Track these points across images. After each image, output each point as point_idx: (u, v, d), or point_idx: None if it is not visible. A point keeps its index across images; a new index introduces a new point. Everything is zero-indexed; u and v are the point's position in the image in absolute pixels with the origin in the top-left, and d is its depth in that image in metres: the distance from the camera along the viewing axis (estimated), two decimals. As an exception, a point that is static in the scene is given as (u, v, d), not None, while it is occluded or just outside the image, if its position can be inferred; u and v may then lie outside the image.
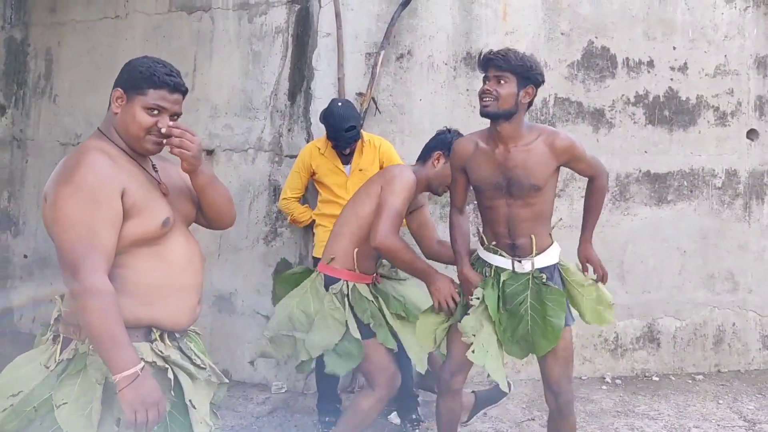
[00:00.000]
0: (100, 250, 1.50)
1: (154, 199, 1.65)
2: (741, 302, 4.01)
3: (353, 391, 3.53)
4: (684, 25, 3.90)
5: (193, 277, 1.74)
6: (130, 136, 1.66)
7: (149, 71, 1.64)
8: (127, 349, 1.49)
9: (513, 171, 2.26)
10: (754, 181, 4.01)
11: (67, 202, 1.50)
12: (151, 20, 4.04)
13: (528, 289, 2.32)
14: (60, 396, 1.53)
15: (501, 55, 2.21)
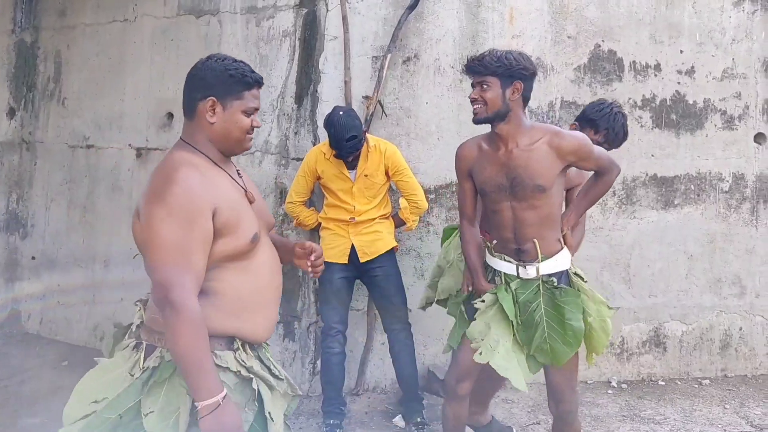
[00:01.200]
0: (192, 273, 1.49)
1: (243, 214, 1.62)
2: (748, 306, 3.99)
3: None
4: (691, 28, 3.89)
5: (275, 291, 1.74)
6: (231, 141, 1.67)
7: (240, 73, 1.63)
8: (212, 377, 1.47)
9: (516, 171, 2.23)
10: (762, 185, 3.99)
11: (161, 224, 1.48)
12: (160, 23, 4.07)
13: (540, 296, 2.25)
14: (147, 404, 1.52)
15: (477, 60, 2.22)
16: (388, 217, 3.26)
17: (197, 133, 1.66)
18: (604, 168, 2.33)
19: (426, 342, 3.62)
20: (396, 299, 3.17)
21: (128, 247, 4.11)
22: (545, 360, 2.25)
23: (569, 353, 2.20)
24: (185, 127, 1.69)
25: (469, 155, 2.37)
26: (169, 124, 4.03)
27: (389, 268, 3.16)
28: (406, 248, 3.64)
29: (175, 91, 3.98)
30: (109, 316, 4.18)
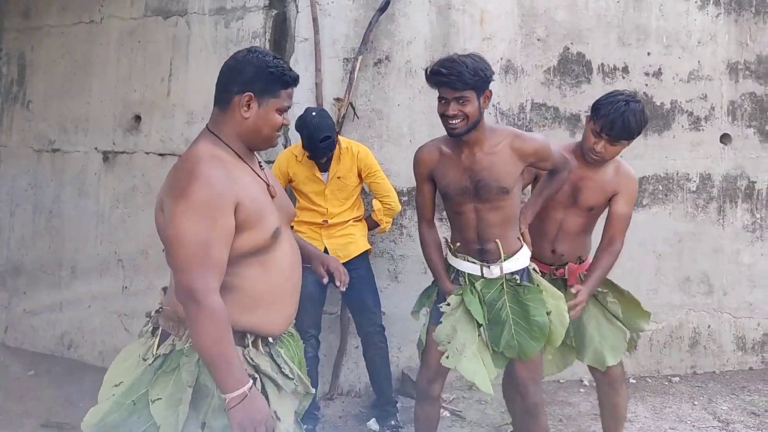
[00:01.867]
0: (214, 269, 1.49)
1: (265, 208, 1.62)
2: (716, 304, 4.06)
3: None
4: (658, 31, 3.95)
5: (295, 285, 1.74)
6: (260, 138, 1.66)
7: (279, 71, 1.62)
8: (237, 369, 1.50)
9: (480, 174, 2.24)
10: (728, 185, 4.07)
11: (183, 219, 1.48)
12: (126, 25, 4.00)
13: (504, 294, 2.31)
14: (156, 391, 1.55)
15: (455, 75, 2.11)
16: (361, 219, 3.25)
17: (227, 124, 1.64)
18: (560, 165, 2.41)
19: (400, 345, 3.61)
20: (370, 302, 3.15)
21: (96, 253, 4.03)
22: (513, 355, 2.30)
23: (536, 347, 2.27)
24: (214, 117, 1.67)
25: (429, 159, 2.37)
26: (136, 126, 3.95)
27: (362, 271, 3.15)
28: (379, 251, 3.63)
29: (142, 93, 3.92)
30: (77, 324, 4.09)
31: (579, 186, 2.52)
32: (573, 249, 2.62)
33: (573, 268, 2.61)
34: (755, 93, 4.09)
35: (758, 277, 4.11)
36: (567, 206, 2.56)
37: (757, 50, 4.09)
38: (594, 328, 2.60)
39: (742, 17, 4.07)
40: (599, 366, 2.59)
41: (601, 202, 2.54)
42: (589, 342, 2.59)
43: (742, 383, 3.87)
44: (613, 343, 2.58)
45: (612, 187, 2.51)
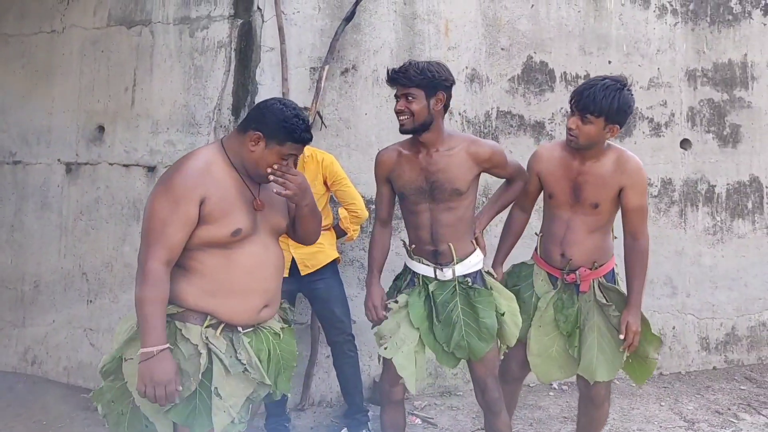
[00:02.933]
0: (164, 243, 1.78)
1: (233, 210, 1.87)
2: (680, 306, 4.15)
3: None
4: (618, 39, 4.05)
5: (259, 282, 1.94)
6: (255, 171, 1.92)
7: (292, 127, 1.88)
8: (155, 332, 1.75)
9: (436, 175, 2.33)
10: (689, 189, 4.17)
11: (155, 198, 1.82)
12: (89, 35, 3.94)
13: (457, 296, 2.39)
14: (130, 352, 1.86)
15: (402, 72, 2.27)
16: (329, 228, 3.24)
17: (237, 146, 1.94)
18: (516, 175, 2.54)
19: (371, 353, 3.60)
20: (339, 311, 3.14)
21: (59, 267, 3.95)
22: (463, 355, 2.38)
23: (485, 348, 2.35)
24: (231, 134, 1.98)
25: (388, 161, 2.46)
26: (100, 137, 3.89)
27: (331, 280, 3.14)
28: (348, 259, 3.62)
29: (105, 103, 3.86)
30: (40, 339, 3.99)
31: (578, 182, 2.42)
32: (583, 252, 2.46)
33: (585, 274, 2.46)
34: (713, 99, 4.21)
35: (720, 278, 4.21)
36: (572, 205, 2.45)
37: (714, 58, 4.22)
38: (594, 339, 2.47)
39: (699, 26, 4.20)
40: (588, 377, 2.48)
41: (606, 198, 2.40)
42: (587, 352, 2.47)
43: (707, 383, 3.96)
44: (610, 359, 2.45)
45: (616, 180, 2.37)
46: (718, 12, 4.23)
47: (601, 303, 2.48)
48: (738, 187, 4.26)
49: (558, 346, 2.53)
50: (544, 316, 2.53)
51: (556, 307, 2.52)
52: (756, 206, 4.29)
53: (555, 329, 2.52)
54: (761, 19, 4.30)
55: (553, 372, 2.56)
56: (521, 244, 2.79)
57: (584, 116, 2.29)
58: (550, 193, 2.51)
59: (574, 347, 2.50)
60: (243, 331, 1.92)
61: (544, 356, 2.54)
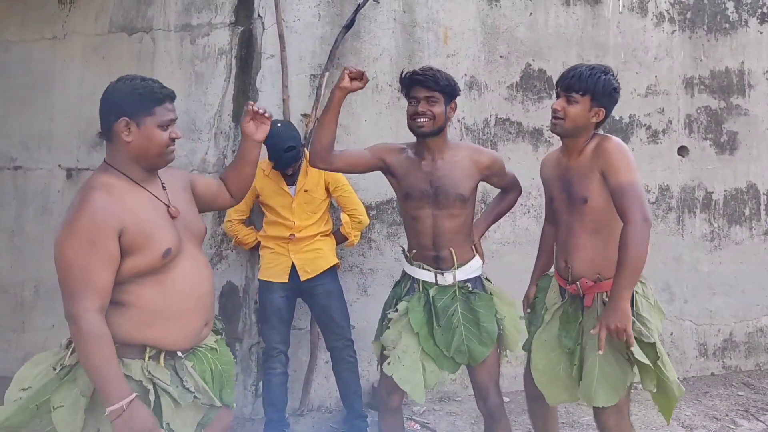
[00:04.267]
0: (92, 290, 1.59)
1: (155, 231, 1.70)
2: (678, 312, 4.17)
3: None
4: (616, 47, 4.08)
5: (196, 301, 1.80)
6: (151, 156, 1.74)
7: (149, 90, 1.71)
8: (117, 383, 1.59)
9: (441, 181, 2.37)
10: (686, 196, 4.20)
11: (66, 244, 1.60)
12: (90, 41, 3.97)
13: (457, 301, 2.40)
14: (58, 399, 1.66)
15: (430, 75, 2.31)
16: (329, 234, 3.26)
17: (117, 153, 1.74)
18: (510, 187, 2.61)
19: (371, 359, 3.61)
20: (338, 317, 3.16)
21: (59, 272, 3.96)
22: (463, 360, 2.37)
23: (485, 353, 2.36)
24: (107, 150, 1.77)
25: (389, 148, 2.50)
26: (100, 143, 3.91)
27: (331, 285, 3.16)
28: (348, 265, 3.64)
29: (107, 110, 3.88)
30: (40, 344, 3.99)
31: (566, 178, 2.33)
32: (585, 260, 2.29)
33: (587, 286, 2.28)
34: (710, 106, 4.24)
35: (717, 284, 4.23)
36: (567, 206, 2.34)
37: (711, 65, 4.25)
38: (596, 359, 2.21)
39: (696, 34, 4.23)
40: (588, 402, 2.23)
41: (593, 190, 2.22)
42: (587, 373, 2.23)
43: (705, 389, 3.97)
44: (611, 382, 2.19)
45: (595, 165, 2.21)
46: (715, 20, 4.26)
47: None
48: (735, 194, 4.28)
49: (564, 365, 2.35)
50: (548, 329, 2.41)
51: (561, 320, 2.39)
52: (753, 213, 4.31)
53: (559, 345, 2.37)
54: (758, 28, 4.34)
55: (560, 394, 2.37)
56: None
57: (570, 96, 2.22)
58: (550, 196, 2.46)
59: (574, 366, 2.31)
60: (183, 355, 1.78)
61: (550, 374, 2.38)
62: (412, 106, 2.34)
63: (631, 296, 2.19)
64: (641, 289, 2.31)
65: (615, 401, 2.19)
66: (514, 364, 3.80)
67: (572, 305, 2.36)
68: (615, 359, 2.20)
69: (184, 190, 1.92)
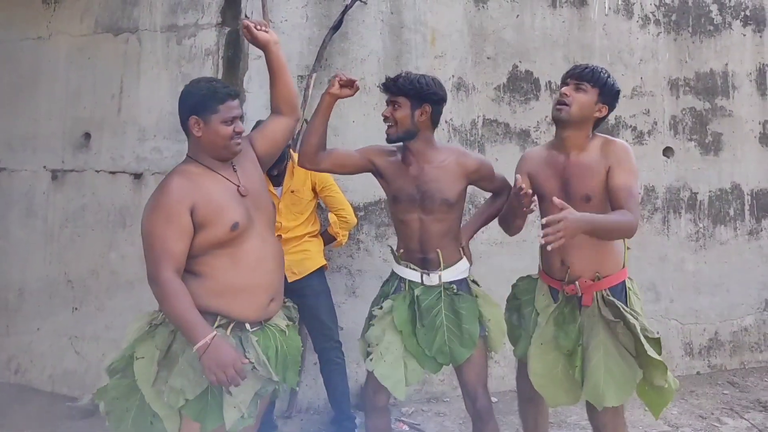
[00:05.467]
0: (169, 256, 1.86)
1: (225, 207, 1.95)
2: (663, 311, 4.20)
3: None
4: (602, 49, 4.11)
5: (261, 276, 2.01)
6: (218, 148, 1.99)
7: (211, 92, 1.96)
8: (199, 325, 1.83)
9: (427, 185, 2.38)
10: (671, 196, 4.23)
11: (148, 220, 1.91)
12: (76, 42, 3.94)
13: (441, 301, 2.41)
14: (141, 351, 1.94)
15: (393, 80, 2.35)
16: (316, 235, 3.25)
17: (194, 146, 2.03)
18: (501, 191, 2.56)
19: (359, 360, 3.58)
20: (326, 318, 3.15)
21: (44, 274, 3.92)
22: (445, 361, 2.39)
23: (466, 354, 2.37)
24: (188, 144, 2.05)
25: (378, 150, 2.52)
26: (86, 144, 3.88)
27: (318, 286, 3.15)
28: (336, 266, 3.63)
29: (92, 110, 3.86)
30: (25, 348, 3.95)
31: (565, 176, 2.29)
32: (584, 258, 2.27)
33: (585, 285, 2.26)
34: (695, 108, 4.28)
35: (703, 284, 4.27)
36: (565, 201, 2.16)
37: (696, 67, 4.29)
38: (600, 359, 2.20)
39: (681, 36, 4.27)
40: (595, 402, 2.20)
41: (596, 188, 2.22)
42: (592, 373, 2.20)
43: (691, 388, 4.00)
44: (619, 381, 2.17)
45: (602, 164, 2.21)
46: (699, 22, 4.31)
47: (608, 319, 2.22)
48: (720, 195, 4.33)
49: (563, 367, 2.31)
50: (544, 332, 2.35)
51: (557, 322, 2.33)
52: (738, 213, 4.36)
53: (557, 347, 2.33)
54: (741, 30, 4.39)
55: (560, 395, 2.33)
56: (526, 255, 2.73)
57: (579, 84, 2.25)
58: (541, 194, 2.36)
59: (575, 367, 2.26)
60: (251, 329, 1.98)
61: (548, 377, 2.33)
62: None
63: (625, 292, 2.30)
64: (632, 286, 2.36)
65: (623, 401, 2.18)
66: (502, 364, 3.82)
67: (568, 306, 2.33)
68: (621, 356, 2.19)
69: (253, 167, 2.12)
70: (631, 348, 2.19)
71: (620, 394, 2.17)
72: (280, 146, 2.27)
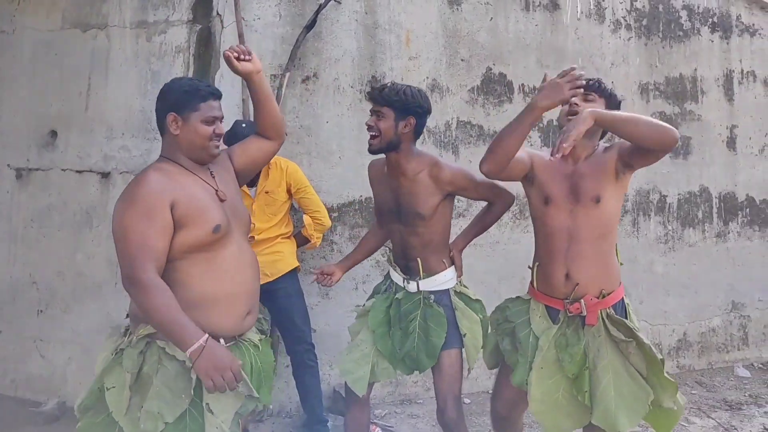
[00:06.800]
0: (150, 254, 1.71)
1: (206, 207, 1.83)
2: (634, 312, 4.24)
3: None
4: (574, 53, 4.14)
5: (240, 286, 1.89)
6: (196, 148, 1.89)
7: (193, 88, 1.88)
8: (188, 328, 1.69)
9: (401, 199, 2.40)
10: (641, 199, 4.29)
11: (125, 215, 1.75)
12: (42, 37, 3.84)
13: (419, 309, 2.44)
14: (110, 380, 1.79)
15: (378, 90, 2.34)
16: (289, 236, 3.22)
17: (169, 145, 1.92)
18: (493, 197, 2.50)
19: (331, 362, 3.58)
20: (298, 320, 3.12)
21: (8, 276, 3.81)
22: (411, 365, 2.43)
23: (428, 364, 2.39)
24: (162, 143, 1.94)
25: (372, 171, 2.60)
26: (52, 142, 3.78)
27: (291, 288, 3.12)
28: (309, 267, 3.60)
29: (58, 108, 3.76)
30: (-13, 350, 3.84)
31: (574, 179, 2.18)
32: (591, 273, 2.17)
33: (591, 303, 2.14)
34: (665, 112, 4.35)
35: (671, 285, 4.34)
36: (571, 209, 2.17)
37: (666, 72, 4.36)
38: (610, 381, 2.10)
39: (651, 41, 4.34)
40: (608, 428, 2.08)
41: (607, 187, 2.14)
42: (602, 397, 2.09)
43: (659, 388, 4.06)
44: (631, 404, 2.07)
45: (613, 156, 2.14)
46: (669, 28, 4.38)
47: (617, 339, 2.11)
48: (689, 198, 4.40)
49: (564, 391, 2.18)
50: (546, 356, 2.19)
51: (559, 344, 2.18)
52: (706, 216, 4.44)
53: (559, 371, 2.18)
54: (709, 36, 4.47)
55: (561, 421, 2.18)
56: (499, 257, 2.67)
57: (588, 95, 2.21)
58: (546, 195, 2.21)
59: (584, 392, 2.13)
60: (226, 345, 1.84)
61: (548, 402, 2.18)
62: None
63: (625, 309, 2.23)
64: (629, 302, 2.27)
65: (636, 424, 2.07)
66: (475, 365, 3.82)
67: (570, 326, 2.19)
68: (631, 378, 2.09)
69: (230, 176, 2.03)
70: (641, 368, 2.09)
71: (633, 417, 2.06)
72: (259, 167, 2.22)
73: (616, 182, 2.15)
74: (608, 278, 2.19)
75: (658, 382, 2.09)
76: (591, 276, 2.16)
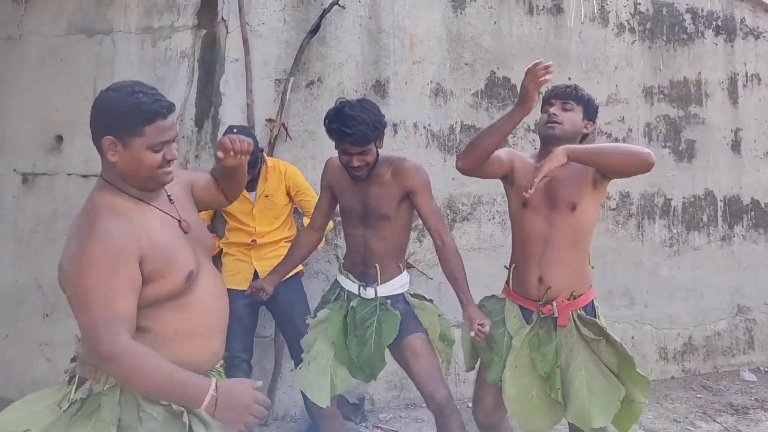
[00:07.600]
0: (120, 318, 1.43)
1: (175, 253, 1.55)
2: (638, 316, 4.24)
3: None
4: (578, 57, 4.15)
5: (216, 321, 1.68)
6: (141, 179, 1.55)
7: (134, 108, 1.46)
8: (190, 383, 1.46)
9: (368, 201, 2.43)
10: (645, 203, 4.28)
11: (83, 276, 1.42)
12: (48, 42, 3.86)
13: (375, 315, 2.45)
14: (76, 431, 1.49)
15: (359, 136, 2.28)
16: (292, 239, 3.22)
17: (109, 170, 1.55)
18: (433, 226, 2.41)
19: (335, 366, 3.58)
20: (302, 325, 3.09)
21: (14, 280, 3.83)
22: (369, 371, 2.45)
23: (380, 369, 2.43)
24: (102, 164, 1.57)
25: (331, 170, 2.58)
26: (58, 147, 3.80)
27: (294, 293, 3.12)
28: (313, 271, 3.61)
29: (64, 113, 3.78)
30: (-8, 355, 3.85)
31: (552, 185, 2.21)
32: (563, 276, 2.23)
33: (563, 305, 2.22)
34: (669, 115, 4.34)
35: (676, 289, 4.33)
36: (547, 214, 2.23)
37: (670, 75, 4.35)
38: (583, 380, 2.16)
39: (655, 44, 4.33)
40: (582, 425, 2.14)
41: (583, 195, 2.19)
42: (575, 395, 2.16)
43: (665, 392, 4.04)
44: (603, 401, 2.12)
45: (588, 170, 2.18)
46: (673, 31, 4.38)
47: (590, 338, 2.18)
48: (693, 201, 4.39)
49: (538, 390, 2.25)
50: (519, 355, 2.27)
51: (532, 344, 2.26)
52: (711, 219, 4.43)
53: (532, 370, 2.25)
54: (713, 39, 4.47)
55: (535, 420, 2.25)
56: (503, 260, 2.61)
57: (566, 104, 2.28)
58: (524, 200, 2.26)
59: (556, 390, 2.21)
60: None
61: (523, 401, 2.25)
62: (344, 157, 2.36)
63: (594, 311, 2.28)
64: (598, 304, 2.32)
65: (610, 421, 2.12)
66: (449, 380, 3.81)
67: (543, 327, 2.27)
68: (603, 375, 2.15)
69: (188, 198, 1.78)
70: (613, 366, 2.16)
71: (607, 413, 2.12)
72: (207, 208, 2.01)
73: (594, 191, 2.21)
74: (580, 281, 2.26)
75: (630, 379, 2.15)
76: (563, 280, 2.23)
